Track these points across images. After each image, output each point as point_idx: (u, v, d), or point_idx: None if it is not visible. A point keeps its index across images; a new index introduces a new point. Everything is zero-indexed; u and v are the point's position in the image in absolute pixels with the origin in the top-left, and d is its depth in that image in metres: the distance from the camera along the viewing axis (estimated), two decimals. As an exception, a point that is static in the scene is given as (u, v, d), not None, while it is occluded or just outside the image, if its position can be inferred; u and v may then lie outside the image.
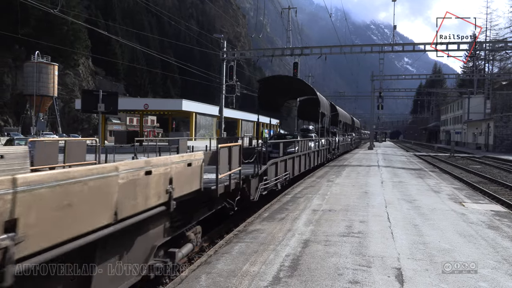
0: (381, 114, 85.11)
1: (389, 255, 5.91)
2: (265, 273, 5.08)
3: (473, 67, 79.09)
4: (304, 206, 9.93)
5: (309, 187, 13.64)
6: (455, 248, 6.31)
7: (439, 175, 18.67)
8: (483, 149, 53.97)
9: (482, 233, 7.38)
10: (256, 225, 7.89)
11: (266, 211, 9.32)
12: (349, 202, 10.46)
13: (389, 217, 8.63)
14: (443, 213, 9.24)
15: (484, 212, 9.53)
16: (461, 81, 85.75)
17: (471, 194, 12.86)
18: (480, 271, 5.24)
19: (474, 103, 62.16)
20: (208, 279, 4.89)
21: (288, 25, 38.14)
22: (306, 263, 5.50)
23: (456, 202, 10.97)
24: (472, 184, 17.18)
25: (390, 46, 30.32)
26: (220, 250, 6.13)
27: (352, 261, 5.58)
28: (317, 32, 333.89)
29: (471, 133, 65.69)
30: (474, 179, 20.08)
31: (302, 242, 6.57)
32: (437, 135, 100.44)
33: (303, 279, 4.90)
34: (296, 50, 31.09)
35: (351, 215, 8.79)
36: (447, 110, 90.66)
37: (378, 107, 47.19)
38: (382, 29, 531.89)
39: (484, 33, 78.66)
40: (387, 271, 5.22)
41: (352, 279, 4.90)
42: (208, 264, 5.48)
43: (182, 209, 5.63)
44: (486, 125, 54.68)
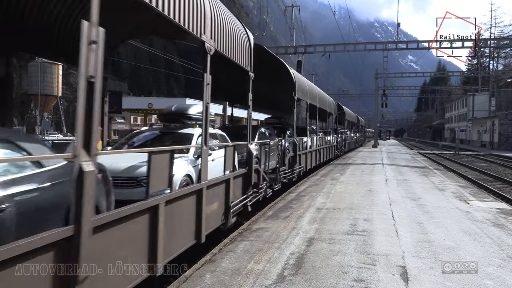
0: (385, 112, 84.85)
1: (394, 253, 5.90)
2: (269, 271, 5.08)
3: (478, 64, 78.76)
4: (308, 204, 9.93)
5: (313, 185, 13.63)
6: (460, 246, 6.29)
7: (443, 173, 18.61)
8: (488, 146, 53.74)
9: (487, 231, 7.35)
10: (261, 223, 7.89)
11: (270, 210, 9.33)
12: (354, 200, 10.45)
13: (394, 215, 8.61)
14: (448, 211, 9.21)
15: (489, 210, 9.49)
16: (466, 79, 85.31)
17: (476, 192, 12.81)
18: (480, 271, 5.22)
19: (479, 101, 61.84)
20: (213, 278, 4.90)
21: (292, 23, 38.11)
22: (310, 261, 5.50)
23: (461, 200, 10.93)
24: (477, 182, 17.11)
25: (394, 43, 30.33)
26: (224, 249, 6.14)
27: (357, 259, 5.58)
28: (321, 30, 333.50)
29: (475, 130, 65.44)
30: (479, 177, 20.00)
31: (307, 240, 6.57)
32: (442, 133, 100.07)
33: (307, 277, 4.90)
34: (300, 48, 31.13)
35: (355, 213, 8.78)
36: (452, 107, 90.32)
37: (382, 105, 47.04)
38: (386, 27, 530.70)
39: (488, 30, 78.41)
40: (392, 269, 5.21)
41: (356, 277, 4.90)
42: (213, 262, 5.49)
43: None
44: (491, 122, 54.45)
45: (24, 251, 2.72)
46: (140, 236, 4.32)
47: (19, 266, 2.71)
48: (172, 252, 4.97)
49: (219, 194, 6.94)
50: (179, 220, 5.24)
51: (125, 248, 4.02)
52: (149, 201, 4.37)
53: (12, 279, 2.68)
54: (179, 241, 5.28)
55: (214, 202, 6.63)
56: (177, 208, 5.14)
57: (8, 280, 2.65)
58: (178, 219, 5.21)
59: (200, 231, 5.82)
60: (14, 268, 2.68)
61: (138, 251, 4.28)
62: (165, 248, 4.64)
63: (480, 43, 43.16)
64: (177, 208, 5.16)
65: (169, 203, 4.84)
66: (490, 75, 63.60)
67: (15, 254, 2.66)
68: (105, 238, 3.62)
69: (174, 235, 5.06)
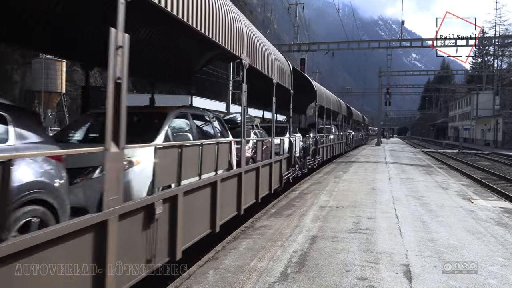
0: (389, 110, 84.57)
1: (397, 251, 5.89)
2: (272, 269, 5.08)
3: (482, 63, 78.41)
4: (311, 202, 9.92)
5: (316, 183, 13.62)
6: (463, 245, 6.28)
7: (447, 172, 18.56)
8: (492, 145, 53.55)
9: (491, 230, 7.33)
10: (264, 221, 7.90)
11: (273, 207, 9.33)
12: (357, 199, 10.44)
13: (397, 214, 8.60)
14: (451, 210, 9.19)
15: (493, 209, 9.46)
16: (470, 77, 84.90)
17: (480, 191, 12.77)
18: (484, 270, 5.21)
19: (483, 99, 61.62)
20: (216, 275, 4.90)
21: (295, 21, 38.02)
22: (313, 259, 5.50)
23: (465, 198, 10.90)
24: (480, 181, 17.05)
25: (398, 41, 30.22)
26: (227, 246, 6.15)
27: (360, 258, 5.57)
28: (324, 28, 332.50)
29: (479, 129, 65.21)
30: (482, 175, 19.94)
31: (310, 238, 6.57)
32: (445, 132, 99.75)
33: (310, 275, 4.90)
34: (303, 46, 31.08)
35: (358, 212, 8.77)
36: (455, 106, 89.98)
37: (385, 103, 46.85)
38: (390, 25, 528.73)
39: (493, 28, 78.03)
40: (395, 267, 5.20)
41: (360, 276, 4.89)
42: (216, 259, 5.50)
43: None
44: (495, 121, 54.25)
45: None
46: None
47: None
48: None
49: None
50: (331, 149, 21.50)
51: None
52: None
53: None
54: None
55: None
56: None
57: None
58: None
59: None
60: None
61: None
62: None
63: (484, 42, 43.05)
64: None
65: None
66: (494, 74, 63.29)
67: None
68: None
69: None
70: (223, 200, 6.72)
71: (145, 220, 4.35)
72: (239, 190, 7.78)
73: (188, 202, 5.30)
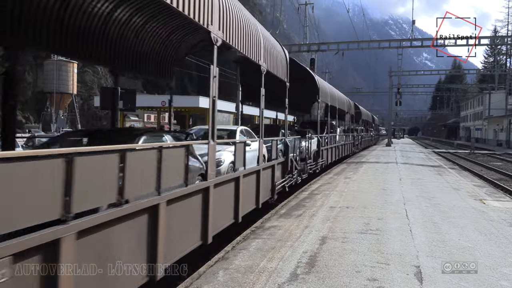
0: (399, 110, 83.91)
1: (408, 252, 5.85)
2: (282, 270, 5.08)
3: (494, 62, 77.47)
4: (321, 202, 9.90)
5: (326, 183, 13.58)
6: (475, 246, 6.21)
7: (458, 172, 18.38)
8: (505, 145, 52.87)
9: (503, 231, 7.25)
10: (273, 221, 7.90)
11: (283, 208, 9.33)
12: (367, 199, 10.39)
13: (408, 214, 8.54)
14: (462, 211, 9.10)
15: (506, 210, 9.35)
16: (482, 77, 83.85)
17: (492, 192, 12.63)
18: (497, 271, 5.16)
19: (495, 99, 60.83)
20: (226, 275, 4.92)
21: (305, 21, 37.95)
22: (323, 260, 5.49)
23: (477, 199, 10.79)
24: (493, 182, 16.84)
25: (408, 41, 30.00)
26: (237, 246, 6.16)
27: (370, 258, 5.55)
28: (334, 28, 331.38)
29: (491, 129, 64.45)
30: (495, 176, 19.69)
31: (320, 239, 6.55)
32: (457, 132, 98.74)
33: (320, 275, 4.89)
34: (313, 46, 31.00)
35: (368, 212, 8.73)
36: (467, 106, 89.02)
37: (396, 103, 46.54)
38: (401, 24, 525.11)
39: (505, 27, 77.05)
40: (406, 268, 5.17)
41: (370, 277, 4.87)
42: (226, 260, 5.51)
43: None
44: (507, 121, 53.58)
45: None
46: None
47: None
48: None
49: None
50: (337, 151, 20.93)
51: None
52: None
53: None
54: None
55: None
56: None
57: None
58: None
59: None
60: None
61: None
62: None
63: (497, 40, 42.56)
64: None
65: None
66: (507, 73, 62.50)
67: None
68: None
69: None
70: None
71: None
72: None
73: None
